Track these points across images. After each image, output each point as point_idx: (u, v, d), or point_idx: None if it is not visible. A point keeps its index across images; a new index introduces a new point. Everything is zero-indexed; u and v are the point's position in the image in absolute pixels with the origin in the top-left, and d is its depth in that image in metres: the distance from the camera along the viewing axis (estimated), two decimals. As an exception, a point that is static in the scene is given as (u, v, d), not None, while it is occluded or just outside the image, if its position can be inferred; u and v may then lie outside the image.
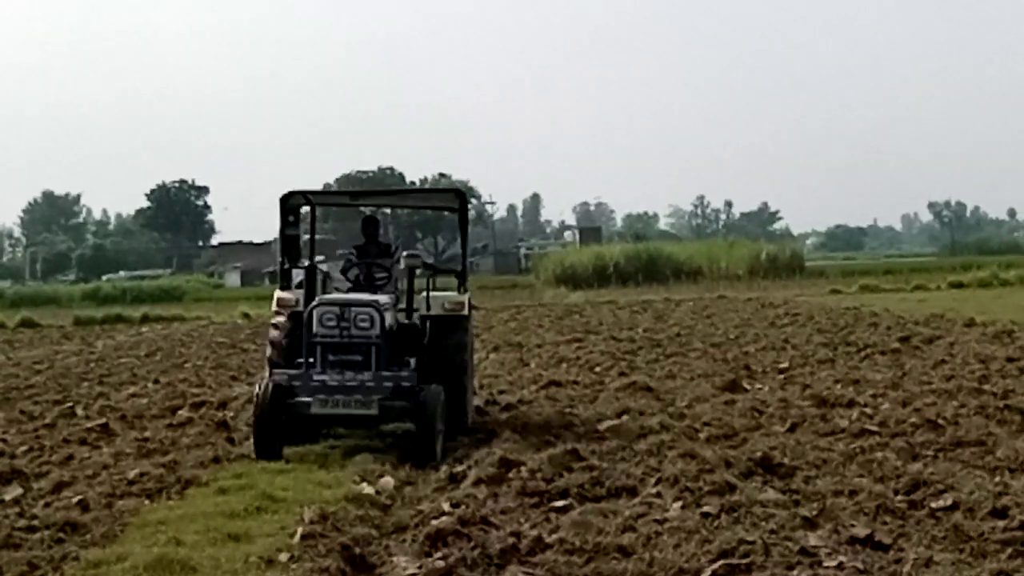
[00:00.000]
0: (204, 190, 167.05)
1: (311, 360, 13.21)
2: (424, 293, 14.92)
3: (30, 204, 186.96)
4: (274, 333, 14.63)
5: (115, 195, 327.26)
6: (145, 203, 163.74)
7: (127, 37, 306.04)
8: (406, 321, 14.47)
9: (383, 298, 14.06)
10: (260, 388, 13.23)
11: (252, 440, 13.23)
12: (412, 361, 14.01)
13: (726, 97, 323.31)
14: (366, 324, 13.21)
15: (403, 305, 14.78)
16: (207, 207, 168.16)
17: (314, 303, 13.46)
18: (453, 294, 15.29)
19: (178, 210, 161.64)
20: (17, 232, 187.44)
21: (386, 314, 13.57)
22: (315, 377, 13.05)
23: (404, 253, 15.07)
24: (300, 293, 14.56)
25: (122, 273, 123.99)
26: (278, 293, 15.14)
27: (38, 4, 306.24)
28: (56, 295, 76.86)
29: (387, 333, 13.43)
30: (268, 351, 14.74)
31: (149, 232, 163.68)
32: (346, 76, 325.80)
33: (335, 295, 14.46)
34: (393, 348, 13.61)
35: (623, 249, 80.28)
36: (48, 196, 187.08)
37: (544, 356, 24.79)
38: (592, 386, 18.86)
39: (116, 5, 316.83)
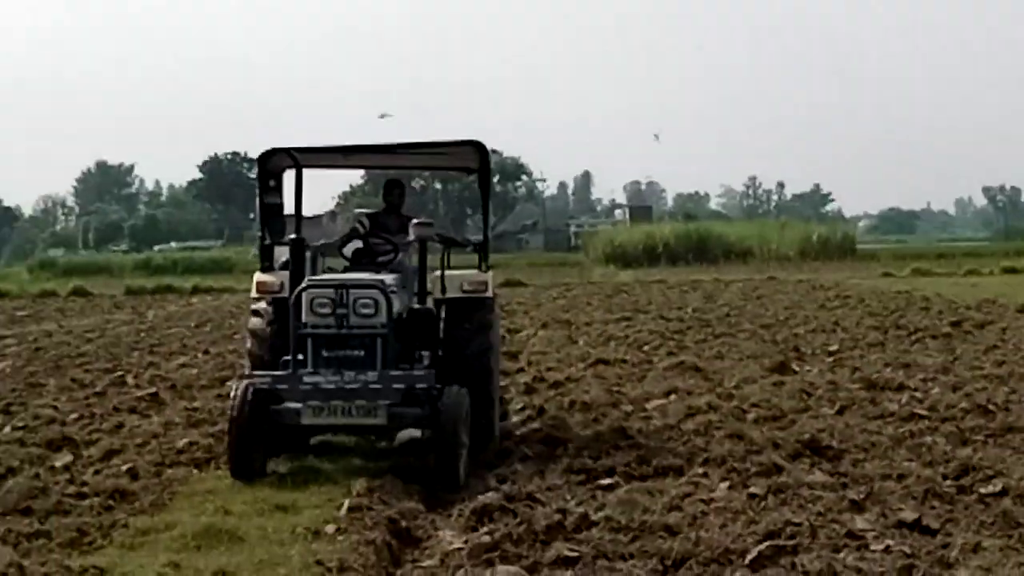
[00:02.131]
0: (255, 162, 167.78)
1: (300, 357, 10.71)
2: (439, 272, 12.36)
3: (83, 173, 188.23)
4: (255, 323, 12.07)
5: (168, 166, 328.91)
6: (197, 174, 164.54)
7: (181, 7, 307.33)
8: (417, 306, 11.79)
9: (389, 277, 11.33)
10: (235, 392, 10.73)
11: (227, 457, 10.85)
12: (426, 356, 11.79)
13: (779, 78, 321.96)
14: (369, 310, 10.63)
15: (417, 287, 12.19)
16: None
17: (303, 285, 10.88)
18: (473, 272, 12.59)
19: (230, 182, 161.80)
20: (71, 201, 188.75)
21: (394, 298, 11.00)
22: (306, 379, 10.45)
23: (414, 222, 12.04)
24: (285, 275, 11.85)
25: (173, 244, 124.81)
26: (258, 276, 12.37)
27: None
28: (108, 264, 77.65)
29: (396, 323, 10.97)
30: (248, 345, 12.14)
31: (201, 203, 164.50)
32: (396, 51, 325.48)
33: (329, 275, 11.91)
34: (402, 339, 11.25)
35: (673, 228, 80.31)
36: (101, 166, 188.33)
37: (592, 334, 24.74)
38: (640, 365, 18.84)
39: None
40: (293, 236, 11.89)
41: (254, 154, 12.69)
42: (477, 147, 12.74)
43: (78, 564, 7.88)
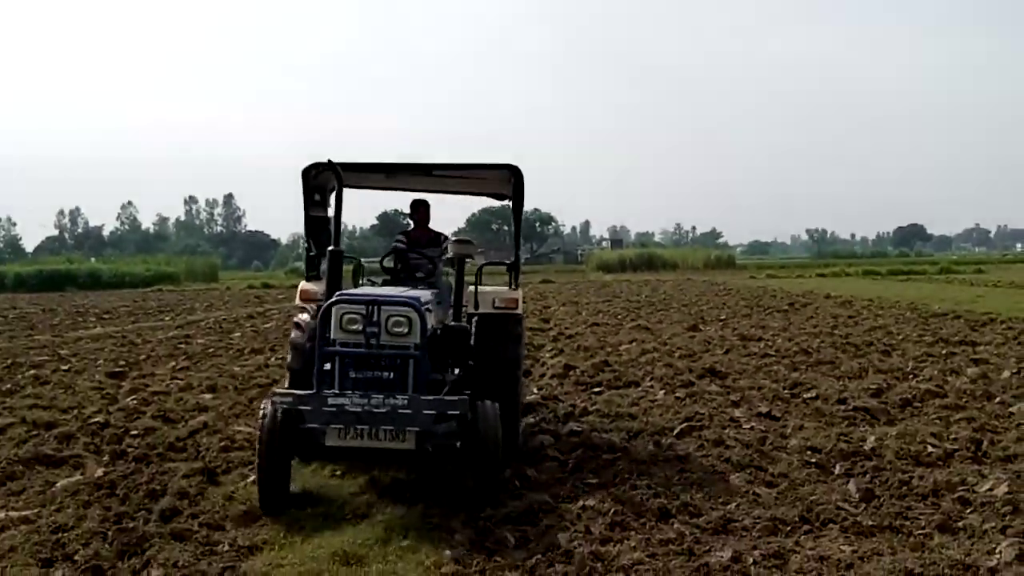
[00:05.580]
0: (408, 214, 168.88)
1: (327, 368, 6.01)
2: (472, 288, 7.51)
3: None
4: (296, 335, 7.08)
5: (359, 217, 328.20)
6: (375, 221, 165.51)
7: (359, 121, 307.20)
8: (452, 323, 6.82)
9: (425, 294, 6.72)
10: (265, 414, 5.85)
11: (256, 481, 5.96)
12: (456, 371, 6.74)
13: (700, 160, 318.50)
14: (402, 329, 5.99)
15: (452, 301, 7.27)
16: (408, 224, 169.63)
17: (332, 299, 6.10)
18: (504, 290, 7.67)
19: (392, 227, 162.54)
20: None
21: (429, 315, 6.42)
22: (331, 400, 5.72)
23: (453, 239, 6.99)
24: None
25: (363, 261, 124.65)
26: (303, 284, 7.76)
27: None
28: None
29: (429, 339, 6.20)
30: (290, 357, 7.08)
31: (378, 239, 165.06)
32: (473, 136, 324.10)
33: (361, 289, 7.07)
34: (435, 357, 6.48)
35: (635, 251, 79.53)
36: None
37: (590, 308, 24.55)
38: (616, 325, 18.69)
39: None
40: (331, 248, 6.62)
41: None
42: (513, 171, 7.64)
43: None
